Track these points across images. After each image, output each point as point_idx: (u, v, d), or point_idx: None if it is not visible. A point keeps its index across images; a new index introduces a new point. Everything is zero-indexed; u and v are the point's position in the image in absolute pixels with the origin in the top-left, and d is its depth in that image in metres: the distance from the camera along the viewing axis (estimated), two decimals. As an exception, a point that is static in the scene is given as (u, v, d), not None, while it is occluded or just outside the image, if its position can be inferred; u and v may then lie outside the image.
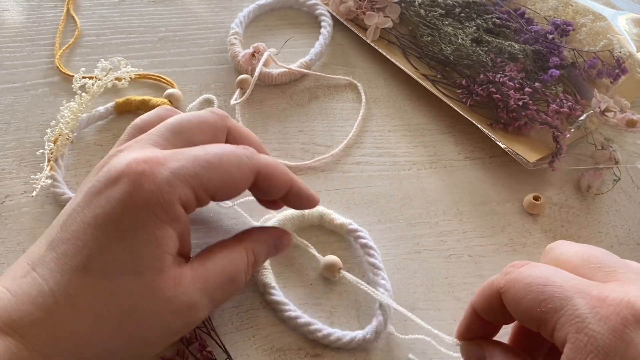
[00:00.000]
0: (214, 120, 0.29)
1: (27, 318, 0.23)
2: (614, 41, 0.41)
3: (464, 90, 0.41)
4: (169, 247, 0.25)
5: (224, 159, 0.26)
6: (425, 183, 0.39)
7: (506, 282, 0.23)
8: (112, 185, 0.24)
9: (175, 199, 0.24)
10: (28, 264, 0.24)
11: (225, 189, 0.26)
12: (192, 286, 0.25)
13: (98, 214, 0.24)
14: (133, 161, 0.24)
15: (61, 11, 0.48)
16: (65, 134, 0.38)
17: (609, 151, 0.39)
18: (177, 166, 0.25)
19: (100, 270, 0.23)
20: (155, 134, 0.27)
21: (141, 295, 0.24)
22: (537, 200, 0.37)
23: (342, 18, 0.48)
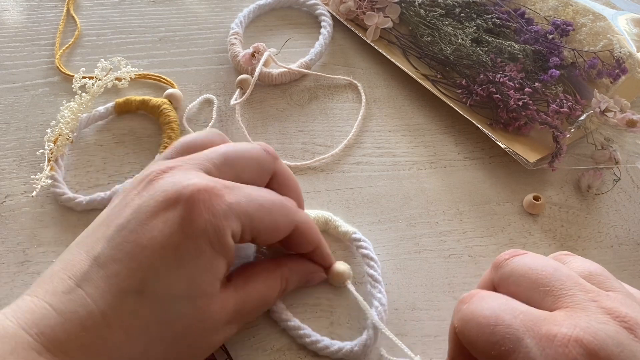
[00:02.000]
0: (265, 160, 0.29)
1: (77, 341, 0.22)
2: (614, 41, 0.41)
3: (464, 90, 0.41)
4: (220, 274, 0.25)
5: (274, 207, 0.27)
6: (425, 183, 0.39)
7: (459, 321, 0.23)
8: (170, 208, 0.24)
9: (229, 232, 0.25)
10: (70, 278, 0.23)
11: (268, 234, 0.27)
12: (233, 307, 0.27)
13: (155, 236, 0.24)
14: (193, 186, 0.24)
15: (61, 11, 0.48)
16: (65, 134, 0.38)
17: (609, 151, 0.39)
18: (234, 201, 0.25)
19: (156, 295, 0.23)
20: (208, 160, 0.27)
21: (193, 318, 0.24)
22: (537, 200, 0.37)
23: (342, 18, 0.48)
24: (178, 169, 0.26)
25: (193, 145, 0.29)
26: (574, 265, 0.24)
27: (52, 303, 0.23)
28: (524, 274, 0.24)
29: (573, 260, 0.25)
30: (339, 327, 0.32)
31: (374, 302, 0.31)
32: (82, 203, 0.36)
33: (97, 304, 0.23)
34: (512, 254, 0.25)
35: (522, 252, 0.25)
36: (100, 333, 0.22)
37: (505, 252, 0.25)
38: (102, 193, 0.36)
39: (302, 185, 0.38)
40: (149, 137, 0.40)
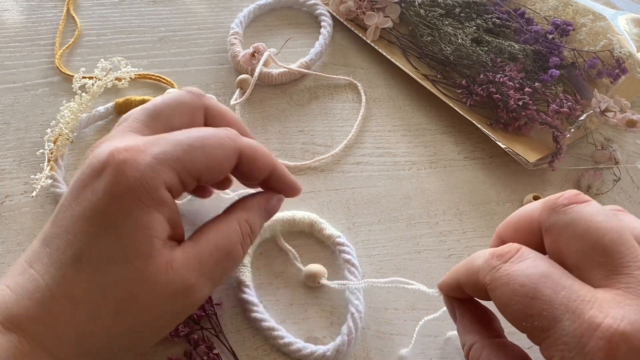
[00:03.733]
0: (190, 99, 0.29)
1: (27, 313, 0.23)
2: (614, 41, 0.41)
3: (464, 90, 0.41)
4: (157, 231, 0.24)
5: (206, 142, 0.26)
6: (425, 183, 0.39)
7: (492, 281, 0.22)
8: (96, 177, 0.24)
9: (160, 184, 0.24)
10: (25, 262, 0.25)
11: (209, 171, 0.26)
12: (186, 267, 0.25)
13: (85, 206, 0.24)
14: (114, 150, 0.24)
15: (61, 11, 0.48)
16: (65, 134, 0.38)
17: (609, 151, 0.39)
18: (158, 151, 0.25)
19: (92, 261, 0.24)
20: (133, 120, 0.27)
21: (134, 282, 0.24)
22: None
23: (342, 18, 0.48)
24: (108, 139, 0.26)
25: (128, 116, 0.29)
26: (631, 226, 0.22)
27: (9, 284, 0.24)
28: (583, 233, 0.21)
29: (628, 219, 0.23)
30: (315, 330, 0.32)
31: (351, 308, 0.31)
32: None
33: (43, 279, 0.24)
34: (572, 199, 0.22)
35: (584, 199, 0.22)
36: (47, 305, 0.23)
37: (565, 193, 0.22)
38: (102, 193, 0.36)
39: (302, 185, 0.38)
40: (149, 137, 0.40)
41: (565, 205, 0.22)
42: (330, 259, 0.35)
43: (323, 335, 0.32)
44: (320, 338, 0.31)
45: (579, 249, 0.21)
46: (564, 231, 0.21)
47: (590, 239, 0.21)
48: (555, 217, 0.22)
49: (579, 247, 0.21)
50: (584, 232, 0.21)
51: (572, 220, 0.21)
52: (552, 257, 0.22)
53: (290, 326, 0.32)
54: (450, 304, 0.27)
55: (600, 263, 0.20)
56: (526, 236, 0.23)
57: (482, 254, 0.23)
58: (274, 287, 0.33)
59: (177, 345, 0.31)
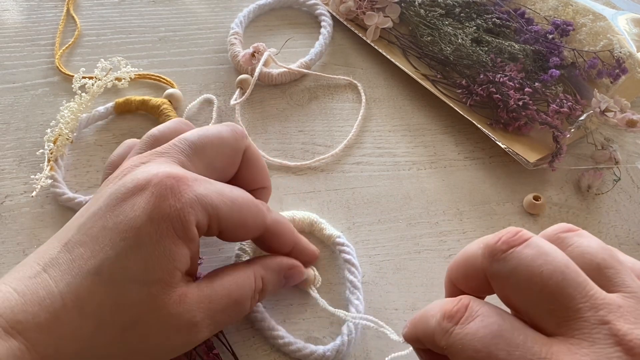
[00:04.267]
0: (234, 141, 0.29)
1: (33, 320, 0.22)
2: (614, 41, 0.41)
3: (464, 90, 0.41)
4: (181, 263, 0.25)
5: (244, 205, 0.27)
6: (425, 183, 0.39)
7: (447, 347, 0.21)
8: (138, 194, 0.24)
9: (194, 220, 0.25)
10: (38, 264, 0.24)
11: (235, 231, 0.27)
12: (196, 305, 0.25)
13: (120, 220, 0.24)
14: (162, 174, 0.25)
15: (61, 11, 0.48)
16: (65, 134, 0.38)
17: (609, 151, 0.39)
18: (202, 192, 0.25)
19: (112, 277, 0.23)
20: (178, 150, 0.27)
21: (146, 306, 0.24)
22: (537, 200, 0.37)
23: (342, 18, 0.48)
24: (153, 162, 0.26)
25: (161, 137, 0.29)
26: (579, 251, 0.21)
27: (17, 287, 0.23)
28: (527, 281, 0.20)
29: (578, 243, 0.22)
30: (315, 330, 0.32)
31: (351, 308, 0.31)
32: (82, 203, 0.35)
33: (57, 285, 0.23)
34: (510, 243, 0.21)
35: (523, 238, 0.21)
36: (56, 313, 0.23)
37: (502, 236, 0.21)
38: (102, 193, 0.36)
39: (302, 185, 0.38)
40: (149, 137, 0.40)
41: (504, 251, 0.21)
42: (330, 258, 0.35)
43: (323, 335, 0.32)
44: (320, 338, 0.31)
45: (526, 299, 0.20)
46: (508, 281, 0.21)
47: (535, 287, 0.20)
48: (497, 266, 0.21)
49: (526, 297, 0.20)
50: (528, 281, 0.20)
51: (514, 269, 0.20)
52: (504, 302, 0.22)
53: (290, 326, 0.32)
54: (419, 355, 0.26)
55: (549, 311, 0.20)
56: (475, 281, 0.23)
57: (434, 311, 0.22)
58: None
59: (177, 345, 0.31)
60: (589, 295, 0.19)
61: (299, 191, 0.38)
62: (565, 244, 0.22)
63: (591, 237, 0.22)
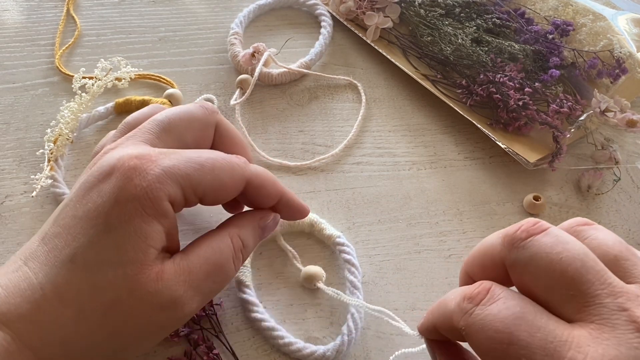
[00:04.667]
0: (204, 115, 0.29)
1: (16, 311, 0.23)
2: (614, 41, 0.41)
3: (464, 90, 0.41)
4: (155, 241, 0.24)
5: (216, 165, 0.26)
6: (425, 183, 0.39)
7: (466, 326, 0.21)
8: (104, 180, 0.25)
9: (164, 195, 0.24)
10: (20, 259, 0.25)
11: (214, 194, 0.27)
12: (175, 279, 0.25)
13: (89, 207, 0.24)
14: (125, 156, 0.25)
15: (61, 11, 0.48)
16: (65, 134, 0.38)
17: (609, 151, 0.39)
18: (169, 164, 0.25)
19: (86, 262, 0.24)
20: (146, 131, 0.27)
21: (123, 288, 0.24)
22: (537, 200, 0.37)
23: (342, 18, 0.48)
24: (120, 145, 0.26)
25: (135, 123, 0.29)
26: (597, 243, 0.22)
27: (1, 282, 0.24)
28: (546, 268, 0.20)
29: (594, 235, 0.22)
30: (315, 330, 0.32)
31: (351, 308, 0.31)
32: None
33: (36, 277, 0.24)
34: (529, 232, 0.21)
35: (542, 227, 0.21)
36: (37, 302, 0.23)
37: (522, 225, 0.22)
38: (102, 193, 0.36)
39: (302, 185, 0.38)
40: (149, 137, 0.40)
41: (523, 240, 0.21)
42: (331, 259, 0.35)
43: (323, 335, 0.32)
44: (320, 338, 0.31)
45: (546, 285, 0.20)
46: (527, 268, 0.21)
47: (554, 274, 0.20)
48: (516, 253, 0.21)
49: (545, 283, 0.20)
50: (547, 267, 0.20)
51: (533, 255, 0.21)
52: (522, 292, 0.22)
53: (290, 326, 0.32)
54: (432, 348, 0.26)
55: (569, 296, 0.20)
56: (492, 272, 0.23)
57: (453, 295, 0.23)
58: (273, 287, 0.33)
59: (177, 345, 0.31)
60: (607, 282, 0.20)
61: (299, 191, 0.38)
62: (582, 236, 0.22)
63: (607, 231, 0.22)
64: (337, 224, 0.36)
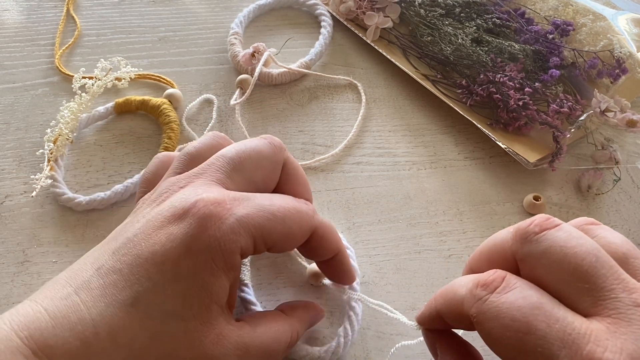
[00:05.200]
0: (273, 154, 0.28)
1: (63, 347, 0.21)
2: (614, 41, 0.41)
3: (464, 90, 0.41)
4: (219, 297, 0.24)
5: (287, 214, 0.25)
6: (425, 183, 0.39)
7: (478, 313, 0.21)
8: (175, 222, 0.24)
9: (237, 248, 0.24)
10: (70, 286, 0.23)
11: (283, 242, 0.26)
12: (233, 351, 0.24)
13: (157, 250, 0.23)
14: (201, 201, 0.24)
15: (61, 11, 0.48)
16: (65, 134, 0.38)
17: (609, 151, 0.39)
18: (243, 214, 0.24)
19: (148, 309, 0.23)
20: (217, 169, 0.26)
21: (182, 343, 0.23)
22: (537, 200, 0.37)
23: (342, 18, 0.48)
24: (192, 184, 0.25)
25: (198, 155, 0.28)
26: (605, 241, 0.22)
27: (48, 307, 0.22)
28: (560, 260, 0.20)
29: (602, 234, 0.22)
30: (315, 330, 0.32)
31: (349, 310, 0.31)
32: (81, 203, 0.36)
33: (89, 312, 0.22)
34: (543, 226, 0.21)
35: (555, 223, 0.21)
36: (87, 341, 0.22)
37: (535, 220, 0.21)
38: (102, 193, 0.36)
39: (302, 185, 0.38)
40: (148, 137, 0.40)
41: (536, 233, 0.21)
42: (330, 259, 0.35)
43: (323, 335, 0.32)
44: (320, 338, 0.31)
45: (559, 278, 0.20)
46: (540, 261, 0.21)
47: (569, 266, 0.20)
48: (529, 246, 0.21)
49: (559, 276, 0.20)
50: (562, 260, 0.20)
51: (547, 249, 0.21)
52: None
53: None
54: (431, 339, 0.26)
55: (584, 289, 0.20)
56: (501, 267, 0.22)
57: (463, 282, 0.22)
58: (273, 287, 0.33)
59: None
60: (620, 278, 0.20)
61: (299, 191, 0.38)
62: (591, 235, 0.22)
63: (613, 231, 0.22)
64: (337, 224, 0.36)
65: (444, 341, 0.25)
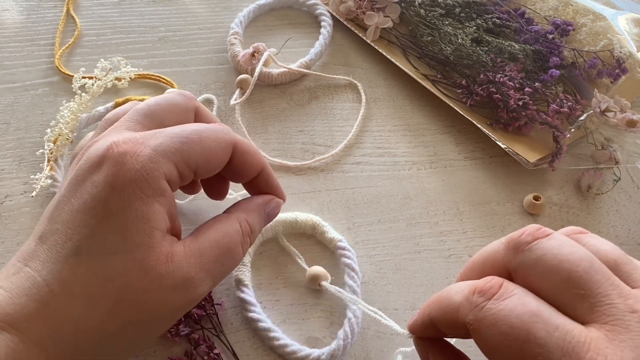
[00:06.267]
0: (183, 101, 0.29)
1: (23, 311, 0.23)
2: (614, 41, 0.41)
3: (464, 90, 0.41)
4: (158, 222, 0.24)
5: (202, 134, 0.26)
6: (425, 183, 0.39)
7: (476, 321, 0.20)
8: (95, 170, 0.24)
9: (160, 174, 0.24)
10: (19, 261, 0.24)
11: (206, 163, 0.26)
12: (186, 261, 0.25)
13: (85, 199, 0.24)
14: (113, 143, 0.24)
15: (61, 11, 0.48)
16: (65, 134, 0.38)
17: (609, 151, 0.39)
18: (157, 143, 0.25)
19: (91, 253, 0.23)
20: (128, 119, 0.27)
21: (134, 273, 0.23)
22: (537, 200, 0.37)
23: (342, 18, 0.48)
24: (104, 136, 0.26)
25: (115, 118, 0.29)
26: (595, 249, 0.22)
27: (2, 285, 0.23)
28: (555, 268, 0.20)
29: (592, 242, 0.22)
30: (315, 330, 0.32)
31: (348, 313, 0.31)
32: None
33: (40, 275, 0.23)
34: (535, 235, 0.21)
35: (546, 232, 0.21)
36: (44, 299, 0.23)
37: (526, 230, 0.22)
38: (102, 193, 0.36)
39: (302, 185, 0.38)
40: (149, 137, 0.40)
41: (529, 243, 0.21)
42: (331, 261, 0.34)
43: (323, 335, 0.32)
44: (320, 338, 0.31)
45: (554, 285, 0.20)
46: (533, 269, 0.21)
47: (563, 273, 0.20)
48: (522, 256, 0.21)
49: (554, 283, 0.20)
50: (556, 267, 0.20)
51: (540, 257, 0.21)
52: None
53: (290, 326, 0.32)
54: (423, 348, 0.26)
55: (579, 296, 0.20)
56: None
57: (459, 289, 0.22)
58: (274, 287, 0.33)
59: (177, 345, 0.31)
60: (615, 284, 0.20)
61: (299, 191, 0.38)
62: (580, 243, 0.22)
63: (602, 239, 0.22)
64: (337, 224, 0.36)
65: (437, 350, 0.25)
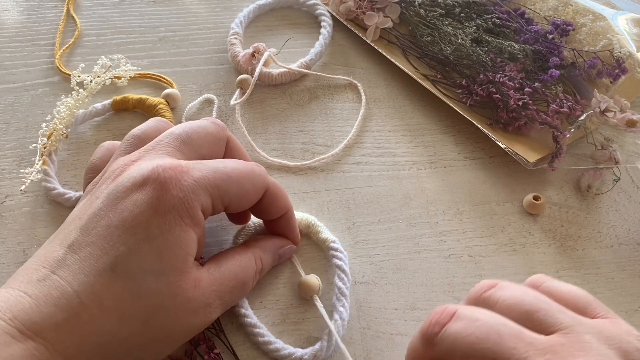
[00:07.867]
0: (217, 131, 0.30)
1: (51, 320, 0.23)
2: (614, 41, 0.41)
3: (464, 90, 0.41)
4: (191, 249, 0.26)
5: (240, 174, 0.28)
6: (425, 183, 0.39)
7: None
8: (137, 190, 0.25)
9: (198, 205, 0.26)
10: (44, 267, 0.24)
11: (239, 201, 0.28)
12: (209, 288, 0.27)
13: (125, 217, 0.25)
14: (159, 167, 0.26)
15: (61, 11, 0.48)
16: (59, 129, 0.38)
17: (609, 151, 0.39)
18: (200, 175, 0.26)
19: (128, 270, 0.24)
20: (167, 144, 0.28)
21: (166, 295, 0.25)
22: (537, 200, 0.37)
23: (342, 18, 0.48)
24: (144, 158, 0.27)
25: (144, 136, 0.29)
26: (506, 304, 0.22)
27: (27, 290, 0.23)
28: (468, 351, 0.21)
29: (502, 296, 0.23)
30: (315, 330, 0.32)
31: (335, 315, 0.31)
32: (71, 199, 0.36)
33: (70, 285, 0.23)
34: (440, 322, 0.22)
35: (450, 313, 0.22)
36: (74, 311, 0.23)
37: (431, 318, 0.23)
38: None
39: (302, 185, 0.38)
40: (148, 137, 0.40)
41: (437, 333, 0.22)
42: (325, 261, 0.34)
43: (323, 335, 0.32)
44: (320, 338, 0.31)
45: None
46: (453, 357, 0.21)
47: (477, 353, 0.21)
48: (437, 349, 0.22)
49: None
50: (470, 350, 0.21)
51: (452, 344, 0.21)
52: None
53: (289, 326, 0.32)
54: None
55: None
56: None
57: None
58: (274, 287, 0.33)
59: (176, 345, 0.31)
60: (529, 343, 0.20)
61: (299, 191, 0.38)
62: (492, 302, 0.23)
63: (513, 286, 0.23)
64: (337, 224, 0.36)
65: None
